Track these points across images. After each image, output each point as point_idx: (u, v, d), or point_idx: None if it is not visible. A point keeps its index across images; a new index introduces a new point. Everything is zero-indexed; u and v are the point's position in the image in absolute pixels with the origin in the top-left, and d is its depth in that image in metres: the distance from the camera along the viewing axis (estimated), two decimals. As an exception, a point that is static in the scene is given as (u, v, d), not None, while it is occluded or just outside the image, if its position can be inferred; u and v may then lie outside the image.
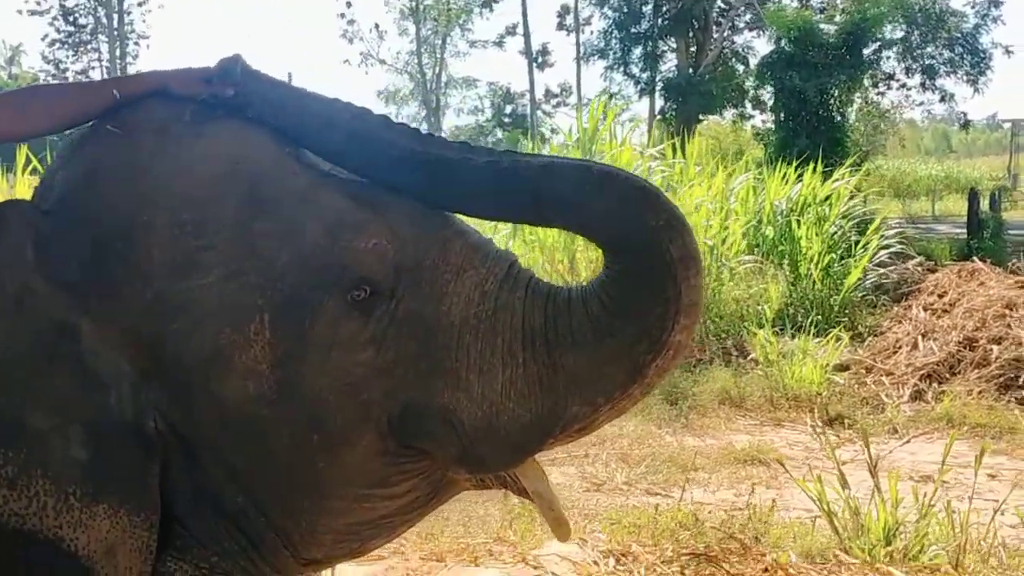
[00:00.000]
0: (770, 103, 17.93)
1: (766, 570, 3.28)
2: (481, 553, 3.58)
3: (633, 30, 24.90)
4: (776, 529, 3.57)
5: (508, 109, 35.74)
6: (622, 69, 25.17)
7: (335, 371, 1.45)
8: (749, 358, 7.06)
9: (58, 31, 36.44)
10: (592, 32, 28.21)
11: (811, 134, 14.61)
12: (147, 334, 1.47)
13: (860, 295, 8.76)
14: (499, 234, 7.88)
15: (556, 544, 3.56)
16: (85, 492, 1.42)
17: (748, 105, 24.94)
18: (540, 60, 33.27)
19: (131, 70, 34.87)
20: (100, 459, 1.44)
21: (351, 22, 38.83)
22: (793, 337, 7.17)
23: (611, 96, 19.71)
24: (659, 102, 25.05)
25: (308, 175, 1.54)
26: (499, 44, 34.54)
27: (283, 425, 1.46)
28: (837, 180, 9.50)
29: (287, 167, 1.53)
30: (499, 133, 32.82)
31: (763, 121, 22.89)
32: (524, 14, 31.51)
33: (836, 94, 15.67)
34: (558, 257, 7.73)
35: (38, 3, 35.53)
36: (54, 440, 1.42)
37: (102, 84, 1.65)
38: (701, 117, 23.90)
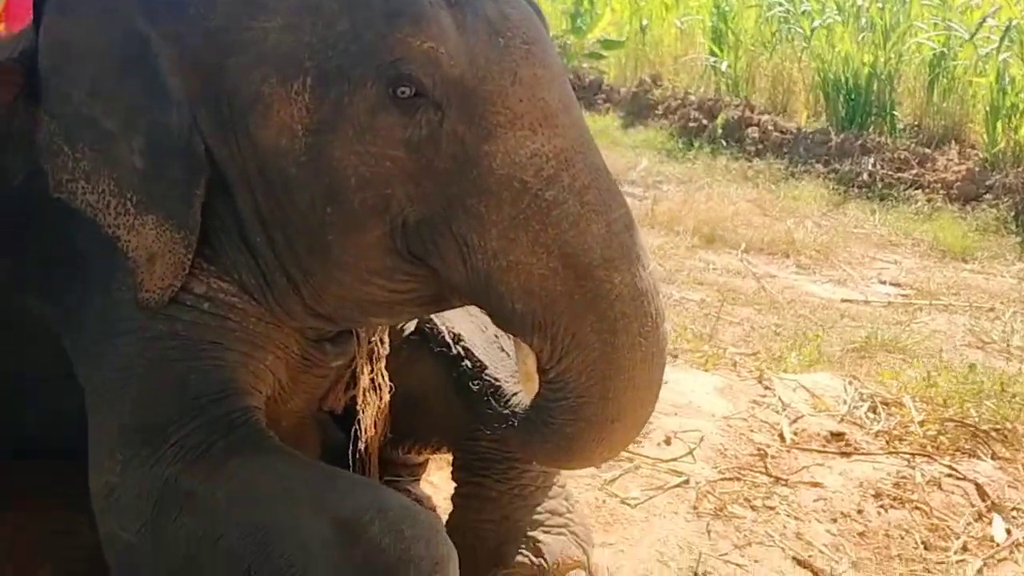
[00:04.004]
0: None
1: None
2: (722, 360, 3.39)
3: None
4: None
5: None
6: None
7: (365, 156, 1.44)
8: None
9: None
10: None
11: None
12: (205, 60, 1.50)
13: None
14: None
15: (817, 375, 3.25)
16: (140, 200, 1.53)
17: None
18: None
19: None
20: (154, 171, 1.52)
21: None
22: None
23: None
24: None
25: None
26: None
27: (306, 188, 1.48)
28: None
29: None
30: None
31: None
32: None
33: None
34: None
35: None
36: (121, 145, 1.53)
37: None
38: None
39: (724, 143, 7.59)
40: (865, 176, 6.65)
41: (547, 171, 1.42)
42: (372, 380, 1.92)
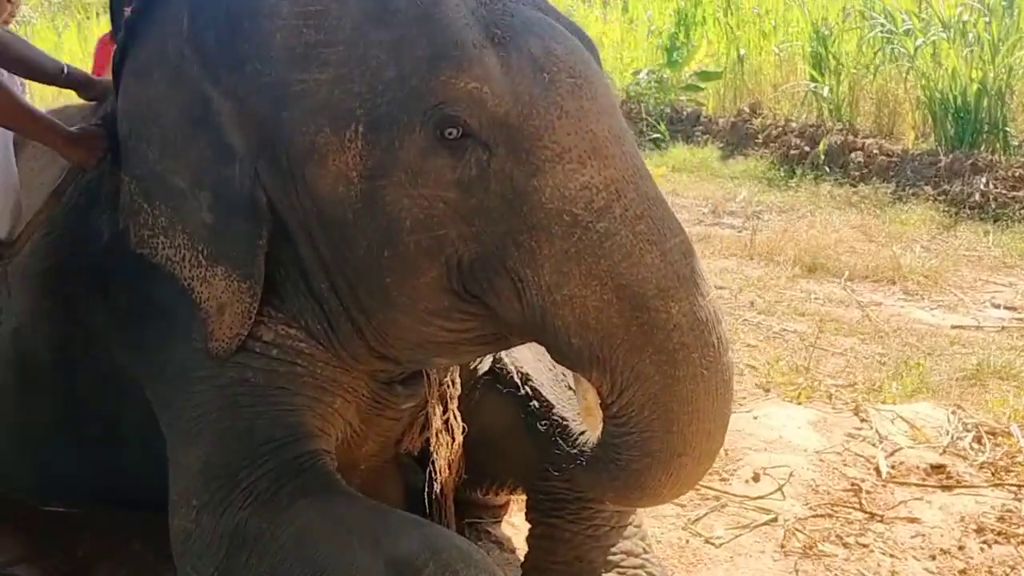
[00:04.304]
0: None
1: None
2: (817, 393, 3.28)
3: None
4: None
5: None
6: None
7: (418, 199, 1.46)
8: None
9: None
10: None
11: None
12: (262, 114, 1.56)
13: None
14: None
15: (919, 405, 3.13)
16: (210, 253, 1.62)
17: None
18: None
19: None
20: (221, 224, 1.61)
21: None
22: None
23: None
24: None
25: None
26: None
27: (363, 233, 1.52)
28: None
29: None
30: None
31: None
32: None
33: None
34: None
35: None
36: (191, 202, 1.63)
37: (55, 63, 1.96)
38: None
39: (827, 169, 7.40)
40: (977, 197, 6.38)
41: (598, 203, 1.42)
42: (445, 421, 1.94)
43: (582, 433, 1.85)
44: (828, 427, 2.97)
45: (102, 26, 10.81)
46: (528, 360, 2.02)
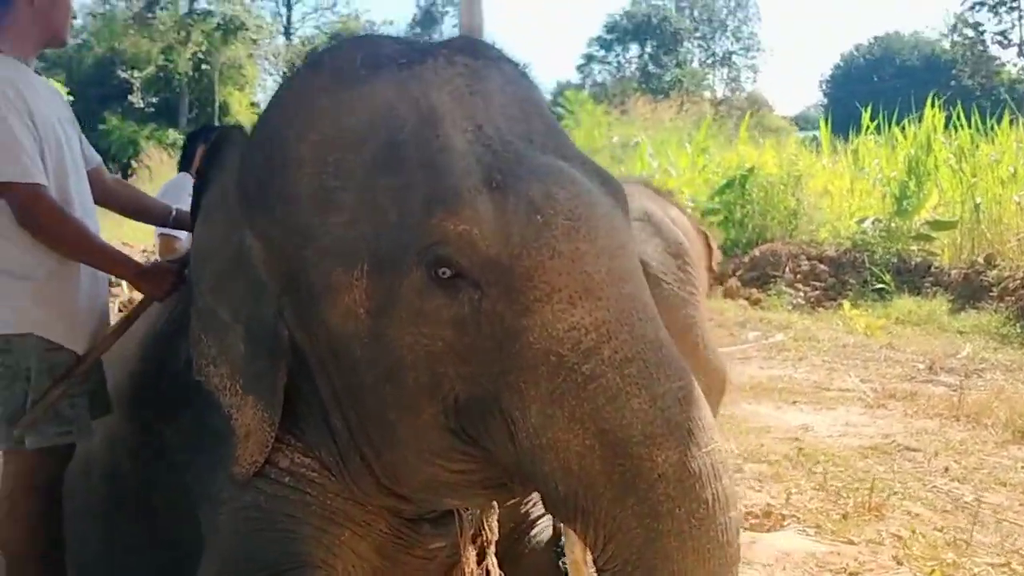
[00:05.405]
0: None
1: None
2: (960, 572, 2.95)
3: None
4: None
5: None
6: None
7: (418, 336, 1.48)
8: None
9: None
10: None
11: None
12: (288, 254, 1.64)
13: None
14: None
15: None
16: (244, 383, 1.71)
17: None
18: None
19: None
20: (252, 357, 1.69)
21: None
22: None
23: None
24: None
25: (451, 140, 1.54)
26: None
27: (369, 369, 1.55)
28: None
29: (431, 130, 1.55)
30: None
31: None
32: None
33: None
34: None
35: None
36: (231, 334, 1.73)
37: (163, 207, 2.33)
38: None
39: (1072, 328, 6.79)
40: None
41: (586, 344, 1.40)
42: (484, 567, 1.89)
43: None
44: (950, 616, 2.69)
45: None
46: None
